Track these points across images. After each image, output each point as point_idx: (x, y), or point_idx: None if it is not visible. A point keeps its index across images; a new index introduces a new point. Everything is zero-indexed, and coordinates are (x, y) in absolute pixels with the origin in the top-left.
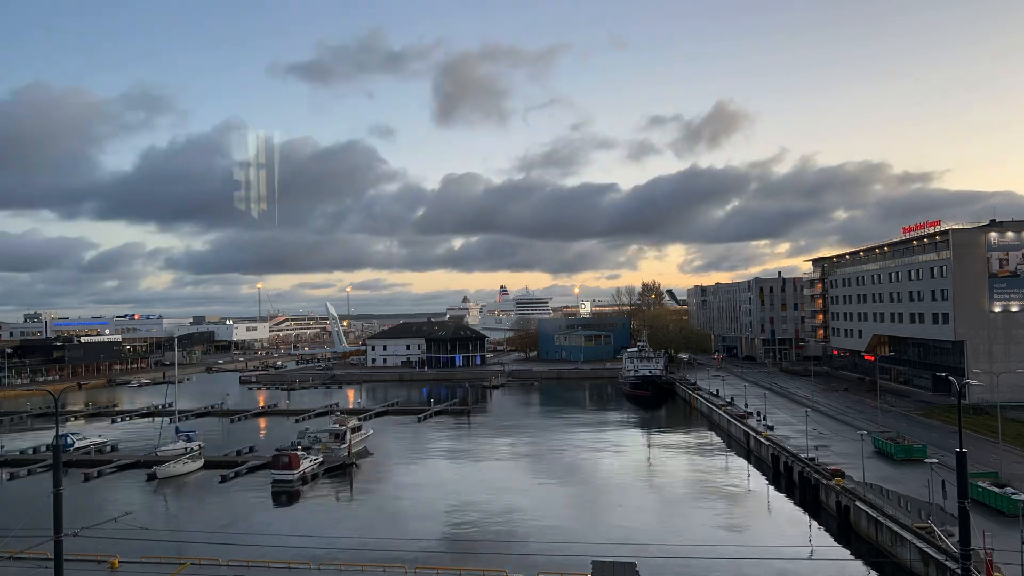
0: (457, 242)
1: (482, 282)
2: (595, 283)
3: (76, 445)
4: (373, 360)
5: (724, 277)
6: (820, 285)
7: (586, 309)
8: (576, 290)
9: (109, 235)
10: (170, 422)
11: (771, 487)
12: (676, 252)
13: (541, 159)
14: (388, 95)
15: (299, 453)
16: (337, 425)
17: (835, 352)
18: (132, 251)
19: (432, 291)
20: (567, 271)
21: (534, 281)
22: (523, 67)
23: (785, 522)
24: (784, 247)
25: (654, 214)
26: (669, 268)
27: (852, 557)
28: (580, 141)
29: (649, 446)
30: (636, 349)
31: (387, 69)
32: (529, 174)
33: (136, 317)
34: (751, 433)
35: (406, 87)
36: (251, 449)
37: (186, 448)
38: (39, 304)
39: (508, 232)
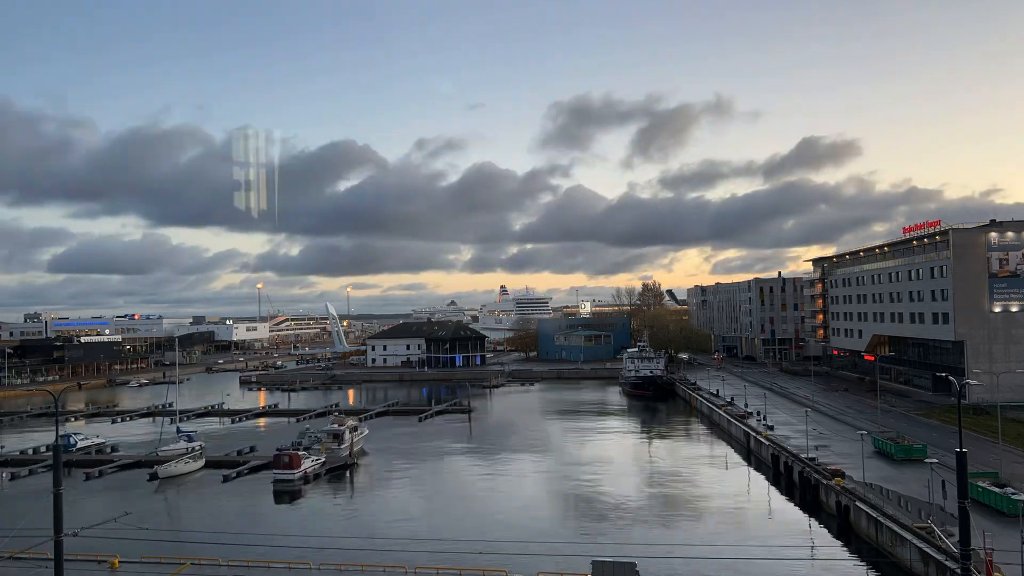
0: (528, 246)
1: (519, 282)
2: (627, 283)
3: (79, 445)
4: (373, 360)
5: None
6: (820, 285)
7: (586, 309)
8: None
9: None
10: (171, 422)
11: (771, 487)
12: (726, 255)
13: (680, 179)
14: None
15: (300, 453)
16: (336, 425)
17: (835, 352)
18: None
19: (463, 291)
20: (607, 273)
21: (574, 282)
22: (735, 118)
23: (785, 522)
24: (831, 251)
25: (727, 222)
26: (703, 268)
27: (852, 557)
28: (726, 165)
29: (649, 446)
30: (636, 349)
31: (649, 119)
32: (658, 191)
33: (136, 317)
34: (751, 433)
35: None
36: (252, 449)
37: (187, 448)
38: (98, 304)
39: (586, 239)
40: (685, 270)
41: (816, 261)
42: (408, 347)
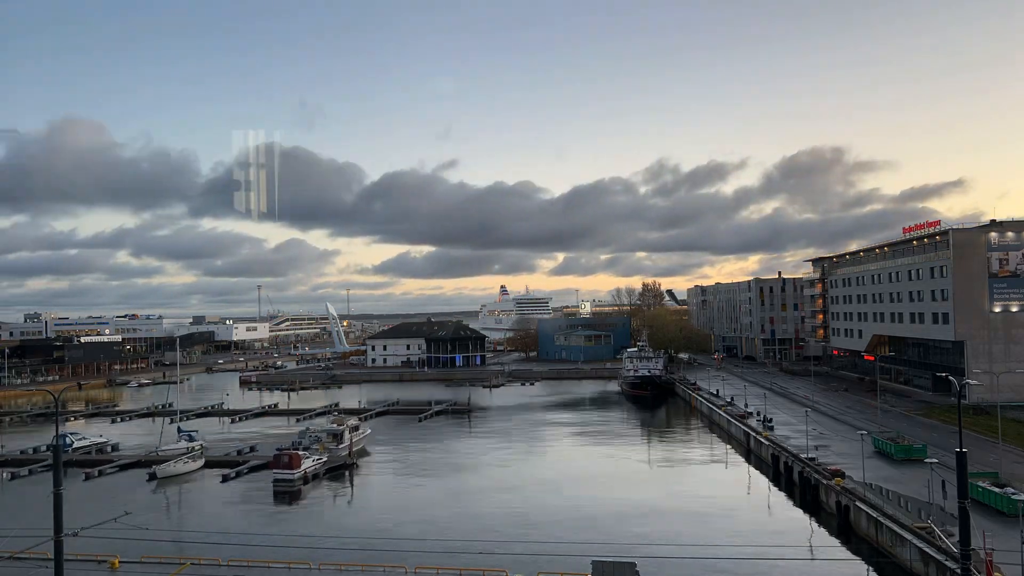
0: (607, 255)
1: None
2: (670, 285)
3: (75, 445)
4: (373, 360)
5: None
6: (820, 285)
7: (586, 309)
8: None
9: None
10: (171, 422)
11: (771, 487)
12: (787, 256)
13: (827, 202)
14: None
15: (300, 453)
16: (335, 425)
17: (835, 352)
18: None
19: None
20: (661, 275)
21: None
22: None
23: (785, 522)
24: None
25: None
26: (745, 269)
27: (852, 557)
28: (875, 195)
29: (649, 446)
30: (636, 349)
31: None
32: (802, 212)
33: (136, 317)
34: (751, 433)
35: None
36: (252, 449)
37: (187, 448)
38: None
39: (697, 249)
40: (730, 269)
41: (816, 261)
42: (408, 347)
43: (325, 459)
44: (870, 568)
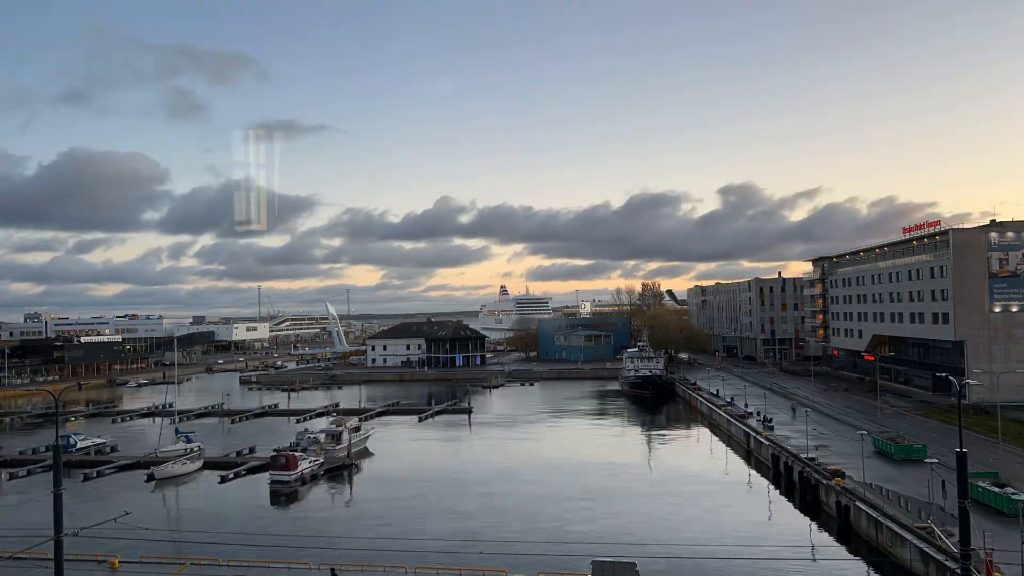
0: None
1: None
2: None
3: (79, 445)
4: (373, 360)
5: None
6: (820, 285)
7: (586, 309)
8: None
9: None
10: (171, 422)
11: (771, 487)
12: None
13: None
14: None
15: (297, 454)
16: (335, 426)
17: (835, 352)
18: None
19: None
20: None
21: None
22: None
23: (785, 522)
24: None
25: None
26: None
27: (852, 557)
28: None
29: (649, 446)
30: (636, 349)
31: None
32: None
33: (136, 317)
34: (751, 433)
35: None
36: (251, 450)
37: (185, 449)
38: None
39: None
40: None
41: (816, 261)
42: (408, 347)
43: (321, 460)
44: (870, 568)
